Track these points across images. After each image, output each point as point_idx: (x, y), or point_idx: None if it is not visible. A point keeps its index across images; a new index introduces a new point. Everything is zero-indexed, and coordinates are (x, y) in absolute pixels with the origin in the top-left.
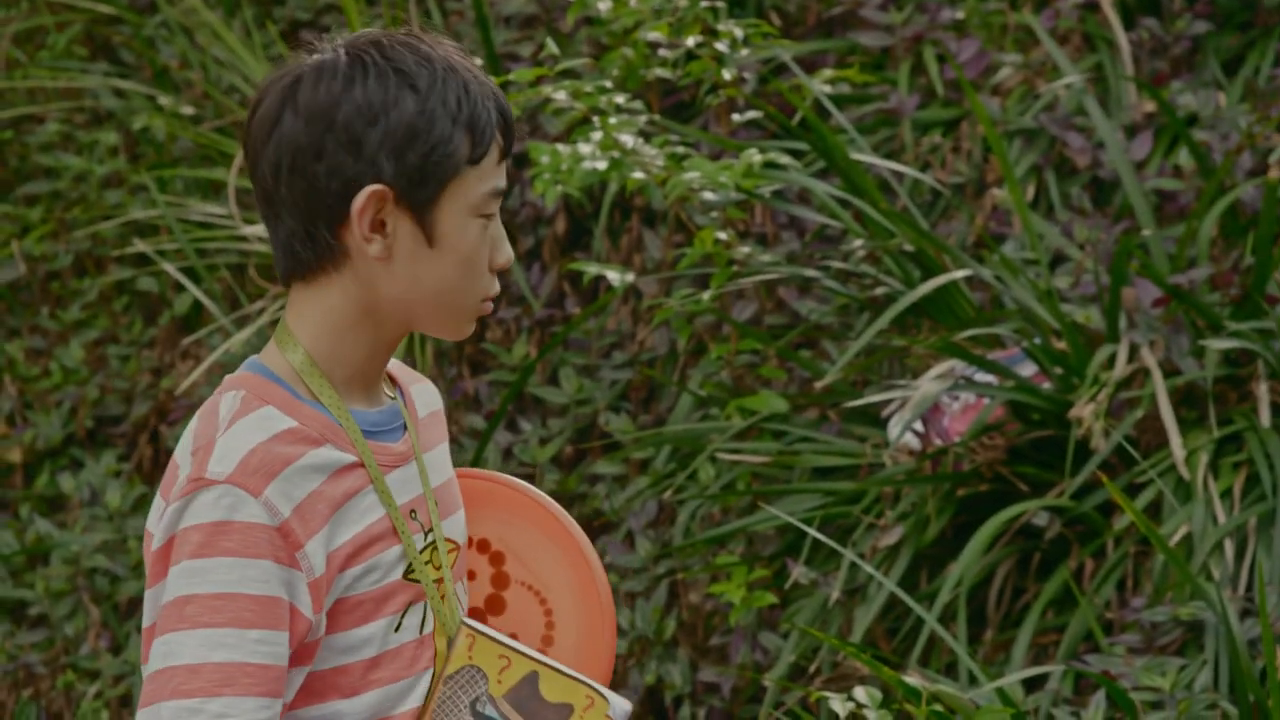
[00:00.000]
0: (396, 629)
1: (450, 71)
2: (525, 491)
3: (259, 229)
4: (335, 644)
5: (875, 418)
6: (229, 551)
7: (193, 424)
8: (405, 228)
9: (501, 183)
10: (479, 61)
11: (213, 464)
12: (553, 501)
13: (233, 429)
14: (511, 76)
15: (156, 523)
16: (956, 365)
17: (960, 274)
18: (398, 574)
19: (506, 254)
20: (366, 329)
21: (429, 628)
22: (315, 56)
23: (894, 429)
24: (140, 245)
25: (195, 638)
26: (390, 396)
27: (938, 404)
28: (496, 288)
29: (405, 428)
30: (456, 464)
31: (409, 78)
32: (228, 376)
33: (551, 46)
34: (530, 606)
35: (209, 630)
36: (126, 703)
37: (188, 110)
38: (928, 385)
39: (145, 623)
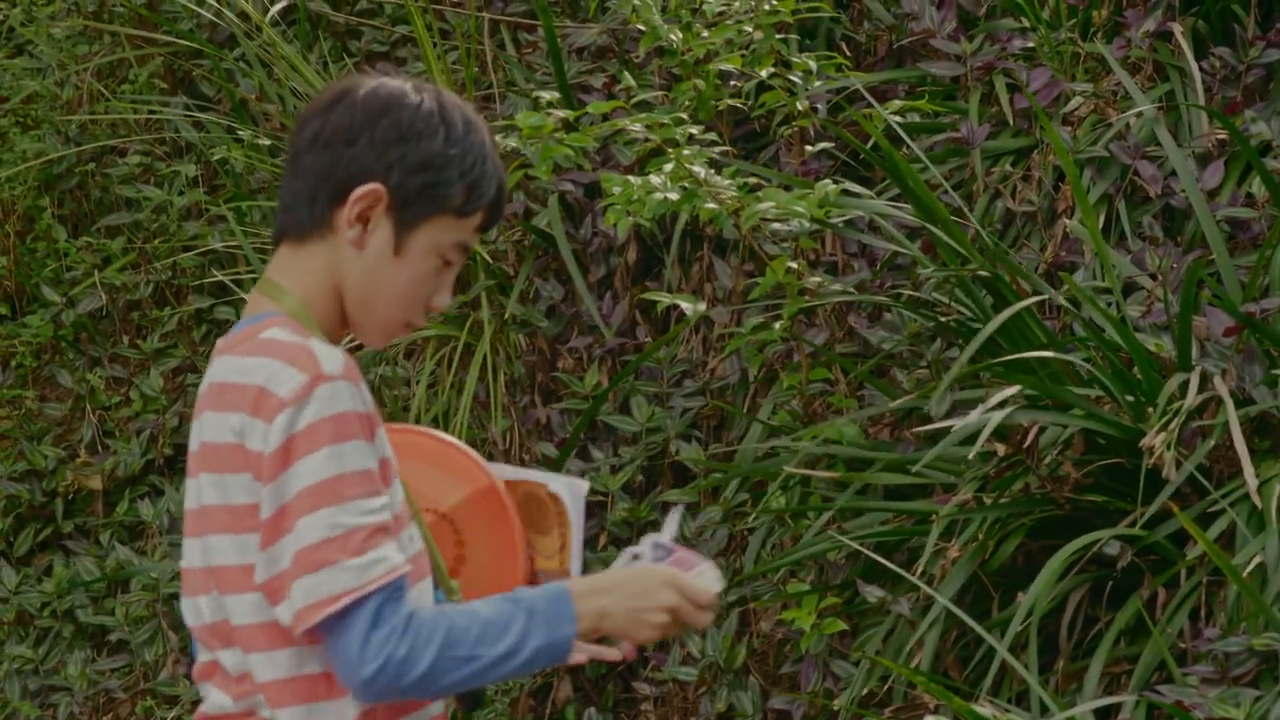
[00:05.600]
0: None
1: (482, 143)
2: (406, 430)
3: None
4: None
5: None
6: (355, 436)
7: (248, 357)
8: (383, 232)
9: (471, 244)
10: (556, 95)
11: (324, 365)
12: (442, 433)
13: (313, 343)
14: (587, 109)
15: (246, 433)
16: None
17: (1033, 300)
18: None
19: (444, 300)
20: (334, 303)
21: (417, 547)
22: (398, 81)
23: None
24: (218, 275)
25: (351, 510)
26: None
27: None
28: (423, 321)
29: None
30: None
31: (450, 126)
32: (245, 327)
33: (627, 79)
34: (439, 532)
35: (359, 501)
36: None
37: (265, 142)
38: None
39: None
